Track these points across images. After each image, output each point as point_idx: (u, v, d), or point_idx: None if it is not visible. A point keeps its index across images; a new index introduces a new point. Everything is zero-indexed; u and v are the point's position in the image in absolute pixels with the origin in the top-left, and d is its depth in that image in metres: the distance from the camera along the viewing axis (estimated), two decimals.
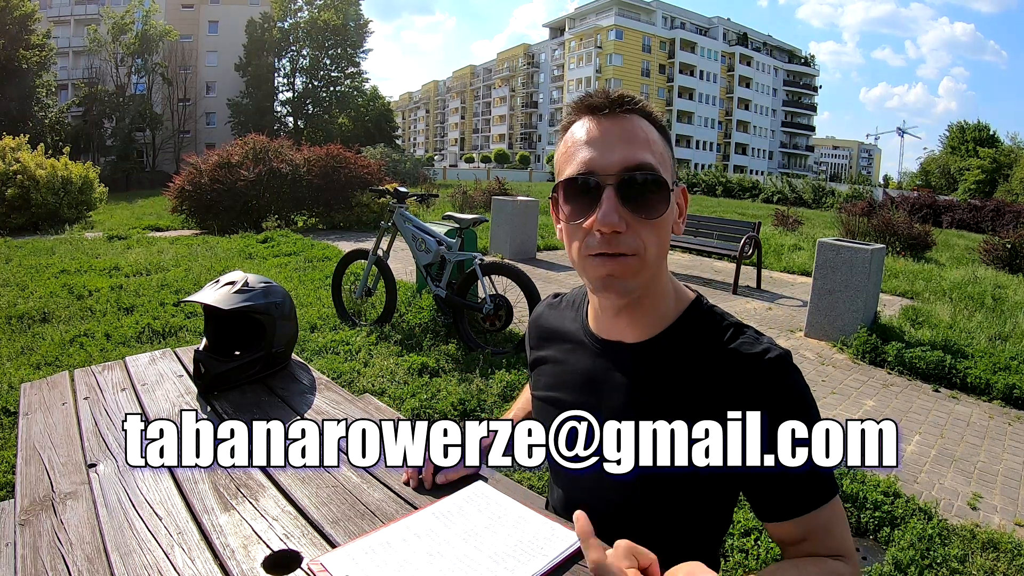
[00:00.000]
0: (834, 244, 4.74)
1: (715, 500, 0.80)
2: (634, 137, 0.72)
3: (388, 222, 4.23)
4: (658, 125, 0.76)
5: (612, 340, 0.82)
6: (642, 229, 0.71)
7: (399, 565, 0.73)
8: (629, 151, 0.71)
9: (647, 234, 0.72)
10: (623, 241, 0.71)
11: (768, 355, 0.74)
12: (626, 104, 0.74)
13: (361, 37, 40.27)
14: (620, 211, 0.70)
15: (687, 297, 0.83)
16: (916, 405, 3.58)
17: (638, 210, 0.71)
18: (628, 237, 0.71)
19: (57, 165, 10.15)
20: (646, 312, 0.79)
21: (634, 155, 0.71)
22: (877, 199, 17.59)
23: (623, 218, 0.70)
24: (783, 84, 66.59)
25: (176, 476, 0.95)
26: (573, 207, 0.73)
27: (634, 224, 0.71)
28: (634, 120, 0.74)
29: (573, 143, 0.74)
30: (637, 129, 0.73)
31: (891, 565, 2.00)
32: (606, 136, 0.72)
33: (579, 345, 0.87)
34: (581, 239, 0.73)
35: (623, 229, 0.70)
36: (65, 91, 36.13)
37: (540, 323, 0.97)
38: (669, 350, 0.79)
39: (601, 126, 0.73)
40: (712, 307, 0.82)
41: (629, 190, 0.70)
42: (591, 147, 0.72)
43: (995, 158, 38.96)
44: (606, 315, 0.82)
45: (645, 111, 0.76)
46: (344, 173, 10.34)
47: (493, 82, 72.32)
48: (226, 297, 1.33)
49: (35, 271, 5.67)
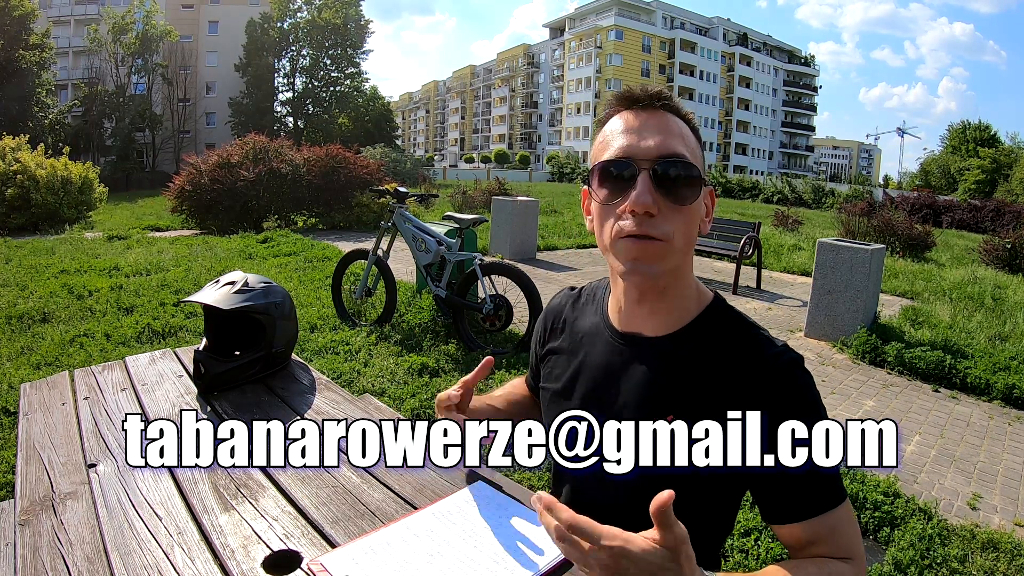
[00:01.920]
0: (834, 244, 4.74)
1: (717, 501, 0.80)
2: (670, 130, 0.75)
3: (388, 222, 4.23)
4: (691, 124, 0.79)
5: (632, 332, 0.83)
6: (673, 215, 0.73)
7: (399, 565, 0.73)
8: (666, 141, 0.74)
9: (677, 221, 0.74)
10: (654, 224, 0.72)
11: (783, 357, 0.75)
12: (663, 100, 0.77)
13: (361, 37, 40.25)
14: (653, 195, 0.72)
15: (707, 296, 0.84)
16: (916, 405, 3.58)
17: (670, 196, 0.73)
18: (659, 221, 0.73)
19: (57, 165, 10.15)
20: (668, 305, 0.81)
21: (670, 144, 0.74)
22: (877, 199, 17.62)
23: (656, 202, 0.72)
24: (783, 84, 66.57)
25: (176, 476, 0.95)
26: (609, 190, 0.76)
27: (665, 210, 0.73)
28: (669, 116, 0.77)
29: (611, 132, 0.77)
30: (673, 123, 0.76)
31: (891, 565, 2.00)
32: (644, 126, 0.75)
33: (597, 337, 0.88)
34: (613, 222, 0.75)
35: (655, 212, 0.72)
36: (65, 91, 36.13)
37: (556, 314, 0.98)
38: (688, 346, 0.79)
39: (639, 117, 0.76)
40: (731, 308, 0.83)
41: (663, 177, 0.73)
42: (629, 135, 0.75)
43: (995, 158, 38.97)
44: (628, 305, 0.83)
45: (680, 111, 0.79)
46: (344, 173, 10.34)
47: (493, 82, 72.32)
48: (226, 297, 1.32)
49: (35, 271, 5.67)
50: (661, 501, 0.55)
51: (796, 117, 68.01)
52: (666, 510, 0.55)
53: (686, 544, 0.57)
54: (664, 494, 0.55)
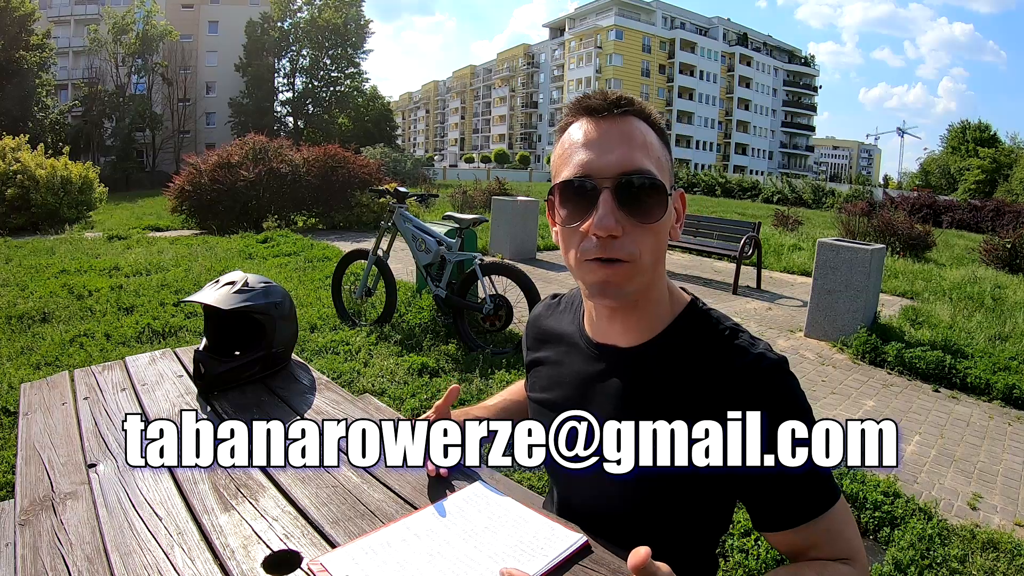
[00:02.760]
0: (834, 244, 4.74)
1: (715, 501, 0.80)
2: (632, 140, 0.71)
3: (388, 222, 4.23)
4: (656, 127, 0.75)
5: (607, 344, 0.82)
6: (638, 234, 0.70)
7: (399, 565, 0.73)
8: (627, 154, 0.70)
9: (643, 239, 0.70)
10: (619, 246, 0.69)
11: (763, 361, 0.73)
12: (624, 106, 0.72)
13: (361, 37, 40.28)
14: (617, 215, 0.68)
15: (682, 300, 0.81)
16: (916, 405, 3.58)
17: (635, 214, 0.70)
18: (624, 242, 0.69)
19: (57, 165, 10.14)
20: (640, 317, 0.78)
21: (632, 158, 0.70)
22: (877, 199, 17.62)
23: (619, 222, 0.69)
24: (783, 84, 66.58)
25: (176, 476, 0.95)
26: (569, 210, 0.72)
27: (630, 228, 0.70)
28: (632, 122, 0.72)
29: (570, 145, 0.73)
30: (635, 132, 0.72)
31: (891, 565, 2.00)
32: (604, 138, 0.71)
33: (574, 348, 0.86)
34: (577, 243, 0.72)
35: (619, 233, 0.69)
36: (65, 91, 36.14)
37: (538, 325, 0.97)
38: (663, 355, 0.78)
39: (599, 128, 0.72)
40: (708, 310, 0.81)
41: (626, 194, 0.69)
42: (588, 149, 0.71)
43: (995, 158, 38.98)
44: (600, 319, 0.82)
45: (644, 113, 0.74)
46: (343, 173, 10.34)
47: (493, 82, 72.32)
48: (226, 297, 1.32)
49: (35, 271, 5.67)
50: (639, 559, 0.55)
51: (796, 117, 68.02)
52: (644, 568, 0.55)
53: None
54: (640, 552, 0.55)
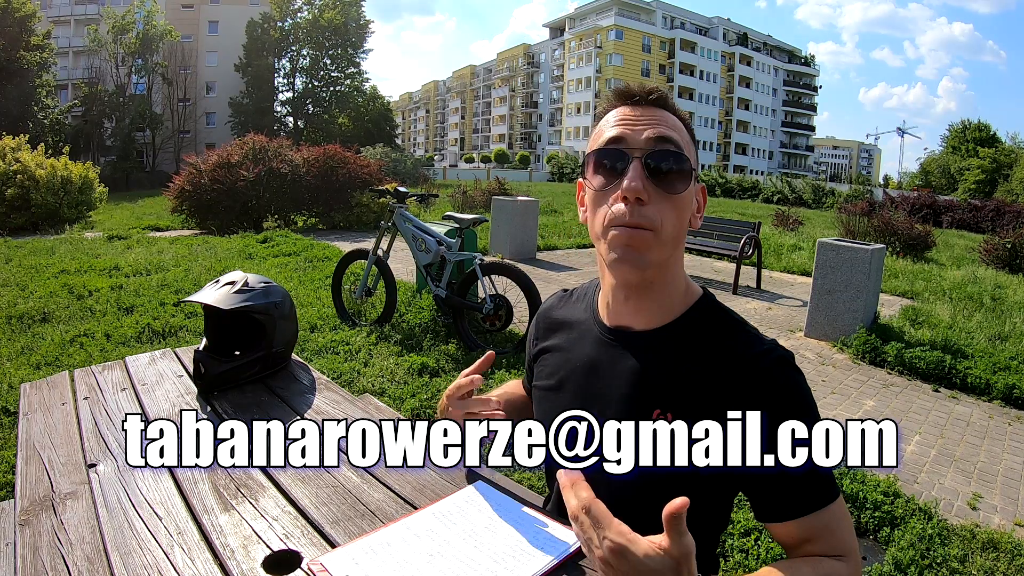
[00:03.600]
0: (834, 244, 4.74)
1: (715, 500, 0.81)
2: (664, 122, 0.77)
3: (388, 222, 4.23)
4: (685, 123, 0.81)
5: (620, 326, 0.84)
6: (663, 204, 0.74)
7: (399, 565, 0.73)
8: (658, 130, 0.76)
9: (667, 210, 0.75)
10: (644, 213, 0.73)
11: (771, 355, 0.75)
12: (658, 96, 0.79)
13: (361, 37, 40.26)
14: (645, 182, 0.73)
15: (696, 292, 0.84)
16: (916, 405, 3.58)
17: (662, 184, 0.74)
18: (649, 210, 0.74)
19: (57, 165, 10.14)
20: (655, 300, 0.81)
21: (663, 133, 0.76)
22: (877, 199, 17.62)
23: (647, 189, 0.73)
24: (783, 84, 66.55)
25: (176, 476, 0.95)
26: (603, 177, 0.77)
27: (656, 198, 0.74)
28: (664, 111, 0.79)
29: (606, 123, 0.80)
30: (667, 117, 0.79)
31: (891, 565, 2.00)
32: (637, 117, 0.77)
33: (587, 333, 0.89)
34: (606, 209, 0.76)
35: (646, 199, 0.73)
36: (65, 91, 36.11)
37: (549, 315, 0.99)
38: (674, 341, 0.80)
39: (634, 111, 0.78)
40: (720, 304, 0.83)
41: (655, 164, 0.74)
42: (622, 125, 0.77)
43: (995, 158, 38.98)
44: (616, 301, 0.84)
45: (673, 108, 0.81)
46: (343, 173, 10.34)
47: (493, 82, 72.31)
48: (226, 297, 1.32)
49: (35, 271, 5.67)
50: (675, 507, 0.53)
51: (796, 117, 68.00)
52: (679, 516, 0.54)
53: (691, 557, 0.56)
54: (678, 500, 0.53)
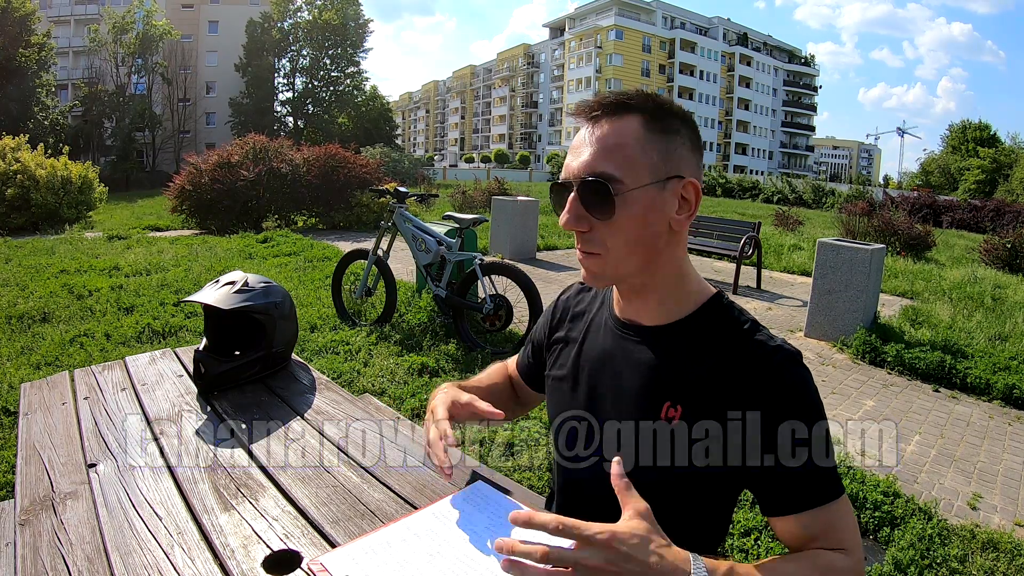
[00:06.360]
0: (834, 244, 4.74)
1: (716, 500, 0.81)
2: (602, 143, 0.75)
3: (388, 222, 4.23)
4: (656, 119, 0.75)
5: (632, 321, 0.86)
6: (604, 228, 0.76)
7: (399, 565, 0.73)
8: (590, 158, 0.75)
9: (607, 234, 0.76)
10: (587, 239, 0.77)
11: (779, 354, 0.75)
12: (608, 107, 0.75)
13: (361, 37, 40.23)
14: (581, 213, 0.76)
15: (708, 292, 0.85)
16: (916, 405, 3.58)
17: (593, 212, 0.76)
18: (592, 236, 0.77)
19: (57, 165, 10.14)
20: (656, 299, 0.82)
21: (592, 164, 0.75)
22: (877, 199, 17.61)
23: (584, 219, 0.76)
24: (783, 84, 66.52)
25: (176, 476, 0.95)
26: (558, 209, 0.80)
27: (596, 224, 0.76)
28: (616, 124, 0.74)
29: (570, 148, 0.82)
30: (609, 134, 0.74)
31: (891, 565, 2.00)
32: (582, 143, 0.77)
33: (602, 326, 0.90)
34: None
35: (585, 229, 0.76)
36: (65, 91, 36.10)
37: (568, 305, 1.00)
38: (685, 337, 0.81)
39: (583, 132, 0.78)
40: (732, 304, 0.84)
41: (587, 193, 0.75)
42: (571, 153, 0.78)
43: (995, 158, 38.98)
44: (622, 299, 0.87)
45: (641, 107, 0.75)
46: (343, 173, 10.34)
47: (493, 82, 72.28)
48: (226, 297, 1.32)
49: (35, 271, 5.67)
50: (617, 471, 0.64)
51: (796, 117, 67.96)
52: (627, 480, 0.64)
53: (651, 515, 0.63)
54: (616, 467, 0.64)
